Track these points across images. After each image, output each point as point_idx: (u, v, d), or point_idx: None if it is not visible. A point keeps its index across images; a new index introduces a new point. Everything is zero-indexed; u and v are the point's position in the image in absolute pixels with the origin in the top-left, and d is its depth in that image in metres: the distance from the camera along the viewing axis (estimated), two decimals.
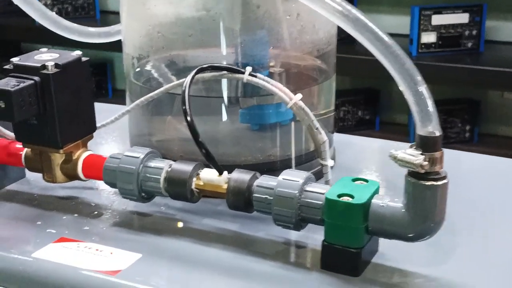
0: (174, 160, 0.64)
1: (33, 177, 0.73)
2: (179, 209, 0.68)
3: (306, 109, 0.64)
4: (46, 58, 0.64)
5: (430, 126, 0.52)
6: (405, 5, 2.10)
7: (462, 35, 2.01)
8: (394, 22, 2.12)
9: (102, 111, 0.72)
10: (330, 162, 0.65)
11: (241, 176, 0.61)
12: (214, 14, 0.69)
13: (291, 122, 0.71)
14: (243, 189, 0.61)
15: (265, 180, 0.61)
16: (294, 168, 0.71)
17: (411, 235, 0.55)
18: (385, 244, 0.59)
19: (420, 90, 0.52)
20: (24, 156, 0.69)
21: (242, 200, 0.61)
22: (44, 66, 0.63)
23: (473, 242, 0.64)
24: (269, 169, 0.68)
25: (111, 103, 0.94)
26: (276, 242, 0.63)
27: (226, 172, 0.62)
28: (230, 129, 0.73)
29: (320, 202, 0.57)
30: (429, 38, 2.00)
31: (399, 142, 0.78)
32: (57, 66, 0.63)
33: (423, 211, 0.54)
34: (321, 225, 0.58)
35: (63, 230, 0.64)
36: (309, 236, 0.62)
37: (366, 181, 0.58)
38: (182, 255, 0.61)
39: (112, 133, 0.84)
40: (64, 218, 0.67)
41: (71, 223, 0.66)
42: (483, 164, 0.82)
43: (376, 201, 0.56)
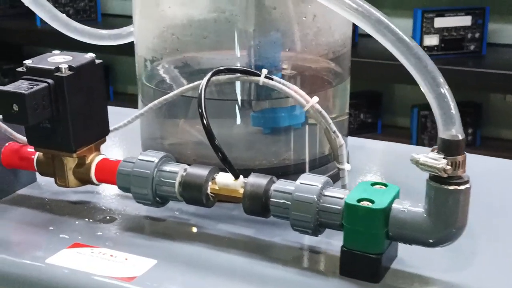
0: (187, 164, 0.64)
1: (44, 181, 0.72)
2: (193, 214, 0.67)
3: (323, 112, 0.63)
4: (59, 60, 0.63)
5: (453, 129, 0.51)
6: (407, 7, 2.10)
7: (465, 38, 2.00)
8: (397, 25, 2.11)
9: (109, 114, 0.70)
10: (347, 166, 0.64)
11: (257, 180, 0.60)
12: (229, 15, 0.68)
13: (304, 126, 0.70)
14: (260, 193, 0.60)
15: (282, 184, 0.60)
16: (308, 172, 0.70)
17: (433, 241, 0.54)
18: (403, 249, 0.58)
19: (443, 92, 0.51)
20: (36, 160, 0.68)
21: (259, 205, 0.60)
22: (58, 69, 0.62)
23: (492, 247, 0.63)
24: (283, 173, 0.67)
25: (113, 106, 0.93)
26: (292, 247, 0.62)
27: (242, 176, 0.61)
28: (244, 132, 0.72)
29: (339, 207, 0.56)
30: (431, 40, 1.99)
31: (413, 146, 0.77)
32: (70, 68, 0.62)
33: (445, 216, 0.53)
34: (340, 230, 0.57)
35: (76, 235, 0.63)
36: (326, 241, 0.61)
37: (385, 185, 0.57)
38: (197, 261, 0.60)
39: (121, 136, 0.83)
40: (76, 223, 0.66)
41: (84, 228, 0.65)
42: (489, 166, 0.81)
43: (396, 206, 0.55)
